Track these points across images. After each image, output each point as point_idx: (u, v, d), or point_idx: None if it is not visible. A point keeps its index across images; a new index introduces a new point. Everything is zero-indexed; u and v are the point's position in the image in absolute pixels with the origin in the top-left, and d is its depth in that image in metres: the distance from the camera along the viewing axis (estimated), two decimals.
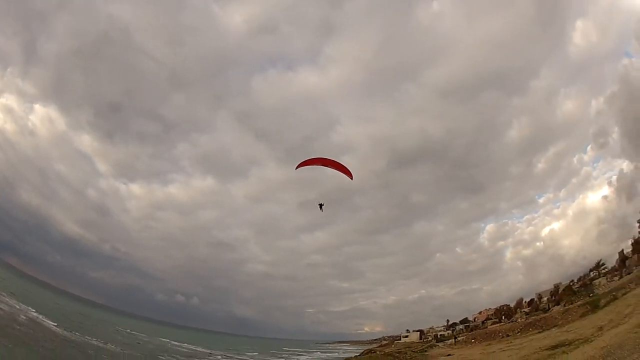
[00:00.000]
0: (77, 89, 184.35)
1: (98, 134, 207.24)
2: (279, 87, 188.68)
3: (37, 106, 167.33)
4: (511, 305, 69.24)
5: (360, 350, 79.19)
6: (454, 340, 60.56)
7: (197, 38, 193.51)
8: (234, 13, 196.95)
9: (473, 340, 54.94)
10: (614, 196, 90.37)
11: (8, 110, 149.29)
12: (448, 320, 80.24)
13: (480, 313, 75.37)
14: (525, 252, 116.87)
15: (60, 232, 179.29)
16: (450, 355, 45.63)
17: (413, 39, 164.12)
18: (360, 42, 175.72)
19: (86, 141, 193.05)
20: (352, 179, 29.72)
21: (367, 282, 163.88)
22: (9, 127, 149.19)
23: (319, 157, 29.22)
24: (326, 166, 29.17)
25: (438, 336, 72.54)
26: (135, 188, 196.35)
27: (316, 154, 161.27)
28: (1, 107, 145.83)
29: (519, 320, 57.87)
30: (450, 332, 73.75)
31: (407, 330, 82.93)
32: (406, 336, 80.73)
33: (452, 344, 58.59)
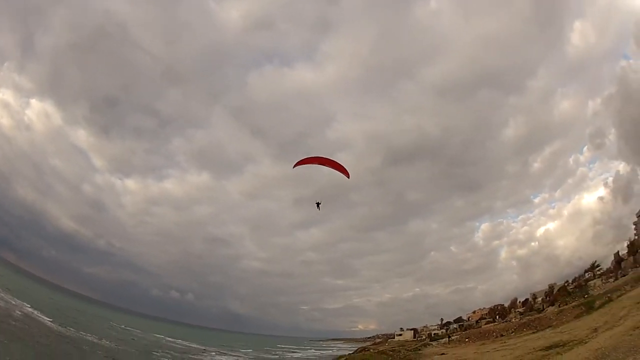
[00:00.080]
0: (74, 83, 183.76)
1: (94, 129, 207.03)
2: (275, 84, 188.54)
3: (34, 101, 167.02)
4: (505, 305, 69.57)
5: (354, 348, 79.39)
6: (447, 339, 60.72)
7: (194, 33, 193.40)
8: (231, 9, 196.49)
9: (467, 340, 55.05)
10: (610, 197, 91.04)
11: (4, 105, 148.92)
12: (442, 319, 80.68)
13: (475, 312, 75.72)
14: (520, 252, 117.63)
15: (55, 227, 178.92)
16: (443, 354, 45.71)
17: (410, 36, 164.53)
18: (357, 39, 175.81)
19: (82, 136, 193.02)
20: (349, 178, 29.81)
21: (361, 280, 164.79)
22: (5, 121, 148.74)
23: (316, 156, 29.20)
24: (323, 165, 29.16)
25: (432, 335, 72.74)
26: (130, 183, 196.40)
27: (312, 150, 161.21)
28: None
29: (513, 320, 58.11)
30: (444, 331, 74.03)
31: (401, 329, 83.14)
32: (400, 334, 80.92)
33: (445, 343, 58.72)
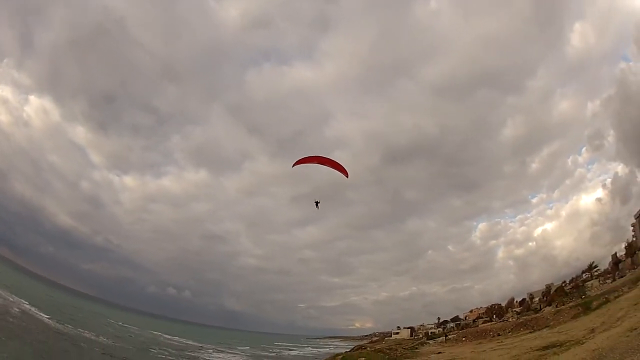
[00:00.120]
0: (72, 80, 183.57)
1: (92, 125, 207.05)
2: (273, 81, 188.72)
3: (32, 97, 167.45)
4: (502, 305, 69.87)
5: (351, 346, 79.56)
6: (444, 338, 60.82)
7: (192, 31, 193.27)
8: (229, 7, 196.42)
9: (464, 339, 55.11)
10: (608, 199, 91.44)
11: (3, 102, 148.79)
12: (439, 318, 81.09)
13: (472, 311, 76.01)
14: (517, 252, 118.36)
15: (53, 223, 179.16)
16: (440, 353, 45.65)
17: (409, 35, 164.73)
18: (357, 38, 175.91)
19: (80, 132, 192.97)
20: (347, 177, 29.87)
21: (358, 278, 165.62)
22: (4, 118, 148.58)
23: (315, 156, 29.22)
24: (323, 164, 29.20)
25: (429, 334, 72.98)
26: (128, 180, 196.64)
27: (309, 148, 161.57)
28: None
29: (510, 319, 58.16)
30: (441, 329, 74.31)
31: (398, 327, 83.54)
32: (397, 333, 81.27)
33: (442, 341, 58.78)
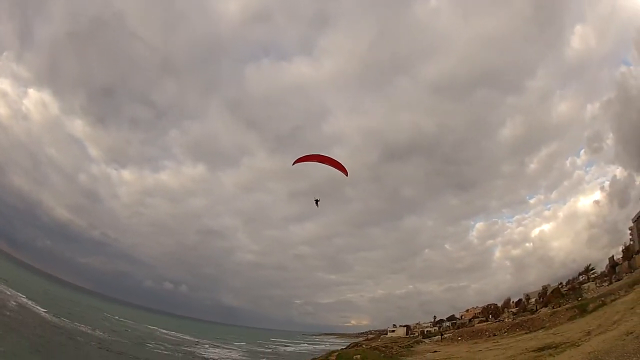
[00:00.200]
0: (71, 73, 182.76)
1: (90, 119, 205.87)
2: (272, 77, 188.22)
3: (31, 90, 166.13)
4: (498, 305, 69.97)
5: (347, 343, 79.81)
6: (440, 337, 60.94)
7: (191, 25, 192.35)
8: (229, 1, 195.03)
9: (459, 338, 55.19)
10: (605, 201, 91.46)
11: (2, 95, 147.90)
12: (435, 317, 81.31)
13: (468, 311, 76.20)
14: (514, 252, 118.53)
15: (50, 217, 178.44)
16: (436, 351, 45.77)
17: (409, 34, 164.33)
18: (356, 35, 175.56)
19: (78, 126, 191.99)
20: (347, 176, 29.93)
21: (355, 275, 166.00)
22: (3, 111, 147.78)
23: (315, 154, 29.26)
24: (322, 163, 29.24)
25: (424, 332, 73.25)
26: (126, 174, 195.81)
27: (308, 144, 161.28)
28: None
29: (506, 320, 58.28)
30: (436, 328, 74.49)
31: (394, 325, 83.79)
32: (392, 331, 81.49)
33: (438, 340, 58.92)
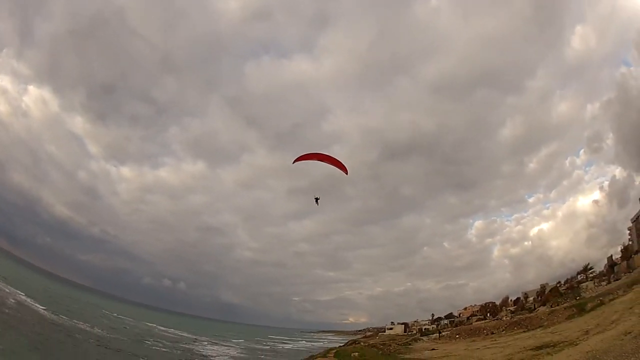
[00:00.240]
0: (71, 70, 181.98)
1: (90, 116, 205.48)
2: (272, 75, 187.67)
3: (31, 87, 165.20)
4: (497, 303, 70.20)
5: (345, 341, 79.91)
6: (438, 334, 61.21)
7: (191, 22, 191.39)
8: None
9: (457, 336, 55.40)
10: (605, 201, 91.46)
11: (2, 92, 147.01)
12: (433, 315, 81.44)
13: (466, 309, 76.35)
14: (513, 251, 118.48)
15: (50, 214, 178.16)
16: (434, 349, 45.93)
17: (409, 33, 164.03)
18: (356, 35, 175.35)
19: (78, 123, 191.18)
20: (347, 174, 29.99)
21: (353, 273, 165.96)
22: (3, 108, 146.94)
23: (315, 153, 29.30)
24: (323, 161, 29.26)
25: (422, 330, 73.53)
26: (125, 171, 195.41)
27: (307, 142, 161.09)
28: None
29: (504, 318, 58.42)
30: (434, 326, 74.60)
31: (392, 323, 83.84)
32: (391, 328, 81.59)
33: (436, 338, 59.20)
